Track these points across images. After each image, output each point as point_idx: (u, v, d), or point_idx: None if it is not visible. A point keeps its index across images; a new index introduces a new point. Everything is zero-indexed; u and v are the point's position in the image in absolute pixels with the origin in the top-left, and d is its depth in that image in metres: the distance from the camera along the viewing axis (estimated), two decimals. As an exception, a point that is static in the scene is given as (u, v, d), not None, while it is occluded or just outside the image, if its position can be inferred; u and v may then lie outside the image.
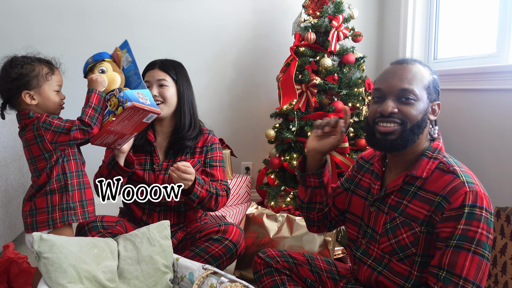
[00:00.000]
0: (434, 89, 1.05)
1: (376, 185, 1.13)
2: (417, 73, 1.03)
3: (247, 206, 2.43)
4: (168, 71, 1.54)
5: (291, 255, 1.34)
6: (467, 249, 0.91)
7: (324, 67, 2.16)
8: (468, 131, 2.01)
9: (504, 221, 1.63)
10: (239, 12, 2.67)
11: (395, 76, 1.04)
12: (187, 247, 1.53)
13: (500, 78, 1.80)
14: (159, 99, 1.50)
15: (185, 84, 1.57)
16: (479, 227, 0.91)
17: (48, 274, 1.06)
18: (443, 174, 1.00)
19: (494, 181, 1.85)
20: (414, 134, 1.02)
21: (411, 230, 1.00)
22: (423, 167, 1.03)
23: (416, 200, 1.01)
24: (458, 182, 0.96)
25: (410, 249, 1.01)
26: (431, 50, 2.51)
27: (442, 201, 0.96)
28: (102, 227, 1.42)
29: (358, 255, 1.15)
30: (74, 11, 2.48)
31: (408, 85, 1.01)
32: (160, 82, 1.51)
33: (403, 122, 1.02)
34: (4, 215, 1.81)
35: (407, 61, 1.06)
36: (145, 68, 1.58)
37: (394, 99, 1.03)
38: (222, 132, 2.76)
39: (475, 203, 0.92)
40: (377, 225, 1.09)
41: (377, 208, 1.11)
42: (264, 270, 1.32)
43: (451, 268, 0.92)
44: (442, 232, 0.95)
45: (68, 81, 2.57)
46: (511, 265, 1.56)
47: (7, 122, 1.88)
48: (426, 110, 1.03)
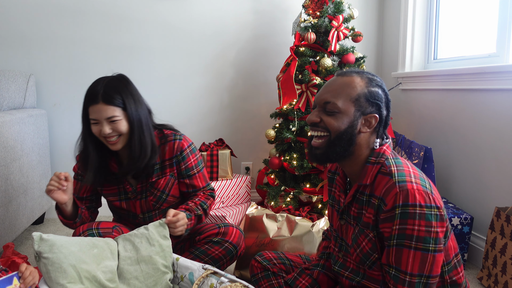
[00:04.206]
0: (369, 102, 1.03)
1: (341, 198, 1.14)
2: (346, 85, 1.04)
3: (247, 206, 2.43)
4: (114, 102, 1.34)
5: (288, 257, 1.35)
6: (408, 246, 0.94)
7: (324, 67, 2.16)
8: (468, 131, 2.01)
9: (504, 221, 1.63)
10: (239, 12, 2.67)
11: (324, 88, 1.08)
12: (186, 248, 1.53)
13: (500, 78, 1.80)
14: (114, 135, 1.36)
15: (133, 106, 1.38)
16: (415, 224, 0.93)
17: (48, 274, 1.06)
18: (382, 177, 1.01)
19: (494, 181, 1.85)
20: (336, 145, 1.03)
21: (367, 237, 1.03)
22: (368, 174, 1.04)
23: (369, 207, 1.03)
24: (391, 183, 0.97)
25: (372, 255, 1.03)
26: (431, 50, 2.51)
27: (381, 204, 0.98)
28: (98, 234, 1.37)
29: (336, 268, 1.17)
30: (74, 11, 2.48)
31: (331, 97, 1.04)
32: (110, 119, 1.33)
33: (328, 132, 1.04)
34: (4, 215, 1.81)
35: (343, 73, 1.08)
36: (85, 99, 1.37)
37: (320, 109, 1.06)
38: (222, 132, 2.76)
39: (407, 201, 0.93)
40: (348, 237, 1.11)
41: (346, 221, 1.12)
42: (261, 273, 1.33)
43: (397, 265, 0.95)
44: (384, 232, 0.98)
45: (68, 81, 2.58)
46: (511, 265, 1.56)
47: (7, 122, 1.88)
48: (352, 122, 1.03)
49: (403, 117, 2.63)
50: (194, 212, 1.43)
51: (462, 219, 1.85)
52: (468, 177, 2.01)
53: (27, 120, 2.09)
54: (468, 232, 1.86)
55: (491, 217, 1.83)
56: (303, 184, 2.20)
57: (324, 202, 2.13)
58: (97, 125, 1.35)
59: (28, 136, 2.10)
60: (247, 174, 2.80)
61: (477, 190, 1.95)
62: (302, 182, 2.22)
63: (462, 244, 1.87)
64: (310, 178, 2.19)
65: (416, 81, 2.46)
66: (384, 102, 1.06)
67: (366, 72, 1.08)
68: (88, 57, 2.54)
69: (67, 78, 2.53)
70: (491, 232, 1.71)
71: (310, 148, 1.09)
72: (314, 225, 1.72)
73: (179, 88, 2.67)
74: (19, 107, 2.24)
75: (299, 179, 2.24)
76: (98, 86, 1.35)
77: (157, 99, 2.64)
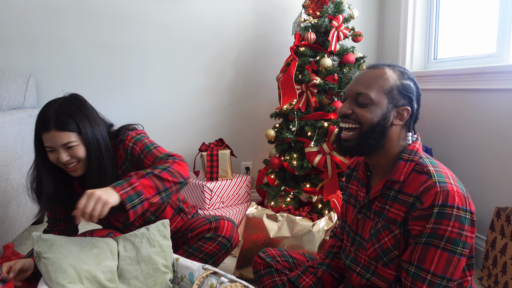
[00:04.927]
0: (401, 94, 1.04)
1: (362, 192, 1.13)
2: (378, 77, 1.04)
3: (247, 206, 2.43)
4: (68, 127, 1.24)
5: (291, 255, 1.34)
6: (436, 246, 0.93)
7: (324, 67, 2.16)
8: (468, 131, 2.01)
9: (504, 221, 1.63)
10: (239, 12, 2.67)
11: (355, 80, 1.07)
12: (179, 245, 1.52)
13: (500, 78, 1.80)
14: (73, 161, 1.27)
15: (89, 129, 1.28)
16: (449, 225, 0.92)
17: (48, 274, 1.06)
18: (418, 176, 1.00)
19: (494, 181, 1.85)
20: (368, 138, 1.03)
21: (391, 233, 1.02)
22: (400, 170, 1.03)
23: (396, 203, 1.02)
24: (430, 182, 0.96)
25: (392, 252, 1.02)
26: (431, 50, 2.51)
27: (416, 202, 0.97)
28: None
29: (348, 263, 1.16)
30: (74, 11, 2.48)
31: (363, 89, 1.03)
32: (66, 145, 1.24)
33: (360, 124, 1.04)
34: (4, 215, 1.81)
35: (375, 66, 1.07)
36: (36, 126, 1.27)
37: (352, 101, 1.06)
38: (222, 132, 2.76)
39: (446, 202, 0.93)
40: (364, 231, 1.10)
41: (364, 215, 1.11)
42: (264, 270, 1.32)
43: (420, 263, 0.94)
44: (413, 230, 0.97)
45: (68, 81, 2.58)
46: (511, 265, 1.56)
47: (7, 122, 1.88)
48: (385, 114, 1.02)
49: (403, 117, 2.63)
50: (135, 175, 1.18)
51: (462, 219, 1.85)
52: (468, 177, 2.01)
53: (27, 120, 2.09)
54: (468, 232, 1.86)
55: (491, 217, 1.83)
56: (303, 184, 2.20)
57: (324, 202, 2.13)
58: (53, 153, 1.26)
59: (28, 136, 2.10)
60: (247, 174, 2.80)
61: (477, 190, 1.95)
62: (302, 182, 2.22)
63: (462, 244, 1.87)
64: (310, 178, 2.19)
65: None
66: (415, 96, 1.06)
67: (398, 66, 1.08)
68: (88, 57, 2.53)
69: (67, 78, 2.53)
70: (491, 232, 1.70)
71: (339, 140, 1.08)
72: (314, 225, 1.72)
73: (179, 88, 2.67)
74: (19, 107, 2.24)
75: (299, 179, 2.24)
76: (48, 111, 1.25)
77: (157, 99, 2.64)
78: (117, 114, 2.58)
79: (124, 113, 2.60)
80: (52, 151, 1.26)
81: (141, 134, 1.40)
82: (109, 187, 1.11)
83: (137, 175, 1.18)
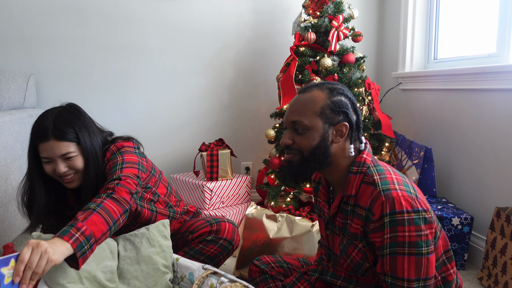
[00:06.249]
0: (334, 112, 1.03)
1: (325, 208, 1.14)
2: (308, 101, 1.04)
3: (247, 206, 2.43)
4: (67, 137, 1.20)
5: (285, 260, 1.37)
6: (402, 253, 0.94)
7: (324, 67, 2.16)
8: (468, 131, 2.01)
9: (504, 221, 1.63)
10: (239, 12, 2.67)
11: (289, 108, 1.08)
12: (179, 247, 1.51)
13: (500, 78, 1.80)
14: (70, 173, 1.23)
15: (88, 139, 1.25)
16: (405, 231, 0.93)
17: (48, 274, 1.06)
18: (367, 187, 1.01)
19: (494, 181, 1.85)
20: (310, 162, 1.04)
21: (356, 247, 1.03)
22: (351, 184, 1.04)
23: (355, 217, 1.03)
24: (376, 192, 0.97)
25: (363, 265, 1.04)
26: (431, 50, 2.51)
27: (369, 214, 0.98)
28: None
29: (328, 279, 1.17)
30: (74, 11, 2.48)
31: (296, 116, 1.04)
32: (65, 156, 1.21)
33: (300, 151, 1.05)
34: (4, 215, 1.81)
35: (303, 90, 1.08)
36: (33, 136, 1.23)
37: (291, 130, 1.07)
38: (222, 132, 2.76)
39: (394, 209, 0.93)
40: (335, 247, 1.11)
41: (331, 231, 1.12)
42: (259, 277, 1.34)
43: (393, 273, 0.95)
44: (375, 242, 0.98)
45: (68, 81, 2.58)
46: (511, 265, 1.56)
47: (7, 122, 1.88)
48: (323, 136, 1.03)
49: (403, 117, 2.63)
50: (82, 214, 1.04)
51: (462, 219, 1.85)
52: (468, 177, 2.01)
53: (27, 120, 2.09)
54: (468, 232, 1.86)
55: (491, 217, 1.83)
56: (303, 184, 2.20)
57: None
58: (50, 164, 1.22)
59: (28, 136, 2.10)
60: (247, 174, 2.80)
61: (477, 190, 1.95)
62: (302, 182, 2.22)
63: (462, 244, 1.87)
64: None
65: (416, 81, 2.46)
66: (351, 108, 1.06)
67: (326, 83, 1.08)
68: (88, 57, 2.53)
69: (67, 78, 2.53)
70: (491, 232, 1.71)
71: (282, 165, 1.10)
72: (314, 225, 1.72)
73: (179, 87, 2.67)
74: (19, 107, 2.24)
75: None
76: (46, 120, 1.21)
77: (157, 98, 2.64)
78: (117, 114, 2.58)
79: (124, 113, 2.60)
80: (49, 162, 1.22)
81: (123, 149, 1.31)
82: (56, 236, 0.97)
83: (83, 214, 1.05)
